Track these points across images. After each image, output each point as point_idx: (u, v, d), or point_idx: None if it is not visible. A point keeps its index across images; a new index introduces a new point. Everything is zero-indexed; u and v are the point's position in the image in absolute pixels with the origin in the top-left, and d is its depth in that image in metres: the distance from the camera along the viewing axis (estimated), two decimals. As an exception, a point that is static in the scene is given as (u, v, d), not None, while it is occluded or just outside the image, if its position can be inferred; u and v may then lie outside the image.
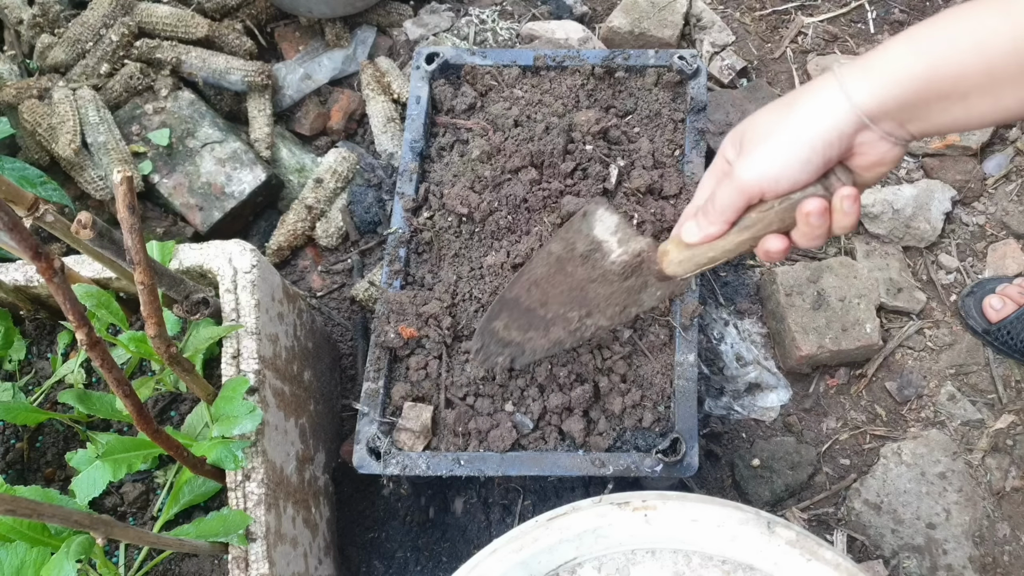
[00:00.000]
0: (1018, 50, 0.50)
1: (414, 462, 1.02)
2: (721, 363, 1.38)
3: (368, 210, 1.50)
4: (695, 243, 0.71)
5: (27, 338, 1.07)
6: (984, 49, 0.51)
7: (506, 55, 1.28)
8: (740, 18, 1.73)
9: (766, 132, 0.61)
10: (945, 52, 0.52)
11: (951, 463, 1.30)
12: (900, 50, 0.55)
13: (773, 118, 0.61)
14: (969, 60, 0.51)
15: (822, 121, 0.57)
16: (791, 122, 0.59)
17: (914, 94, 0.54)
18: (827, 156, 0.58)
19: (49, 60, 1.50)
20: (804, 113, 0.58)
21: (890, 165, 0.60)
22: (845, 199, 0.60)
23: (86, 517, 0.70)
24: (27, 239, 0.59)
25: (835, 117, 0.57)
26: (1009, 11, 0.50)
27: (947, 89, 0.53)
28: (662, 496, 0.80)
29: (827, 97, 0.57)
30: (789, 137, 0.59)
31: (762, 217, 0.66)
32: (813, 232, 0.63)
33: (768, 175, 0.60)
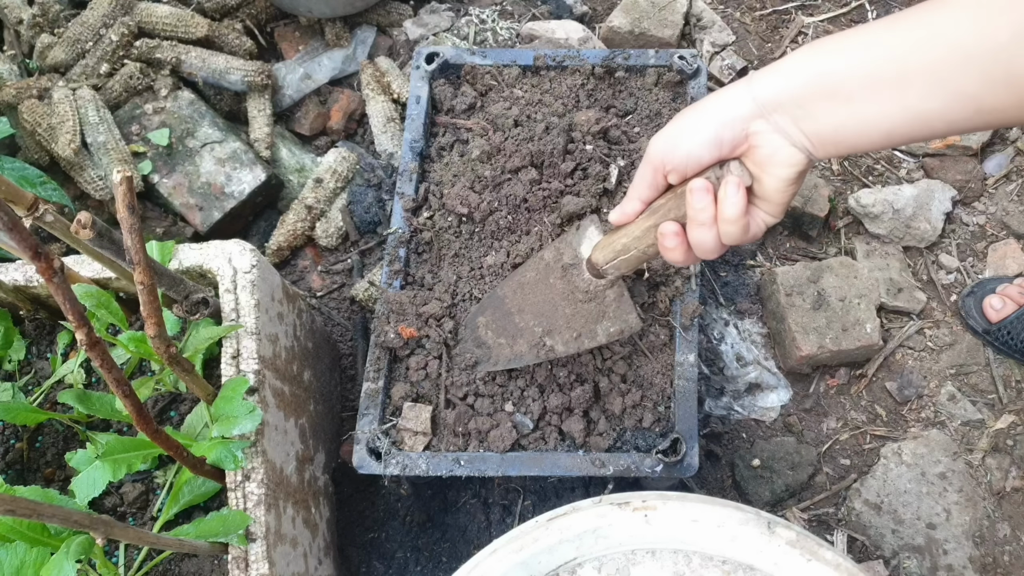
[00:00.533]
0: (895, 56, 0.54)
1: (414, 462, 1.02)
2: (721, 363, 1.38)
3: (368, 210, 1.50)
4: (616, 222, 0.75)
5: (27, 338, 1.07)
6: (866, 54, 0.56)
7: (506, 55, 1.28)
8: (740, 18, 1.73)
9: (679, 115, 0.67)
10: (834, 53, 0.57)
11: (951, 463, 1.30)
12: (802, 50, 0.60)
13: (692, 105, 0.68)
14: (852, 62, 0.56)
15: (721, 103, 0.63)
16: (699, 105, 0.66)
17: (804, 87, 0.59)
18: (720, 134, 0.63)
19: (49, 60, 1.49)
20: (712, 101, 0.65)
21: (785, 167, 0.63)
22: (728, 184, 0.65)
23: (86, 517, 0.70)
24: (27, 239, 0.59)
25: (734, 101, 0.62)
26: (895, 24, 0.55)
27: (833, 87, 0.57)
28: (662, 496, 0.80)
29: (733, 88, 0.64)
30: (692, 113, 0.65)
31: (664, 203, 0.70)
32: (698, 215, 0.66)
33: (668, 142, 0.66)
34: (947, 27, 0.51)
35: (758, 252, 1.48)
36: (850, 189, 1.52)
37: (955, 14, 0.51)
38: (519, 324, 0.93)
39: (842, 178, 1.55)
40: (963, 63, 0.51)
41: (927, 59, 0.52)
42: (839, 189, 1.53)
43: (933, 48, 0.52)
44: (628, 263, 0.78)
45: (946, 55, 0.52)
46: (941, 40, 0.52)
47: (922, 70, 0.53)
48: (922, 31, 0.53)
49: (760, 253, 1.49)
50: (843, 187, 1.53)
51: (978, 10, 0.50)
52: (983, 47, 0.50)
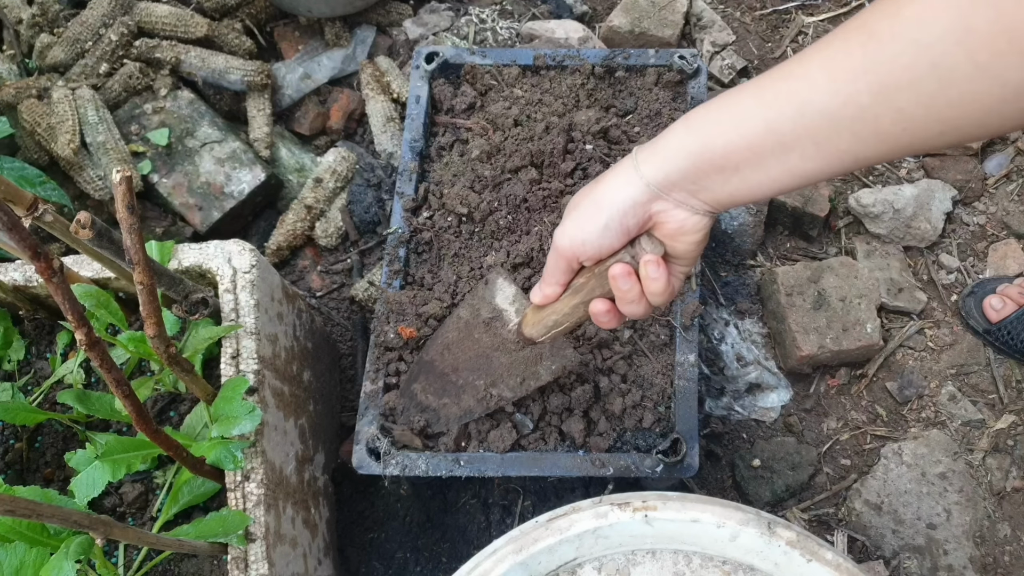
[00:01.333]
0: (771, 130, 0.55)
1: (414, 462, 1.02)
2: (721, 363, 1.38)
3: (368, 210, 1.50)
4: (539, 304, 0.77)
5: (26, 338, 1.07)
6: (741, 128, 0.57)
7: (506, 54, 1.28)
8: (740, 17, 1.73)
9: (576, 203, 0.68)
10: (712, 131, 0.58)
11: (952, 463, 1.30)
12: (678, 130, 0.61)
13: (585, 191, 0.68)
14: (732, 138, 0.57)
15: (618, 192, 0.64)
16: (595, 194, 0.66)
17: (692, 167, 0.60)
18: (624, 224, 0.65)
19: (48, 60, 1.49)
20: (605, 187, 0.65)
21: (694, 233, 0.65)
22: (648, 264, 0.67)
23: (85, 517, 0.69)
24: (26, 239, 0.59)
25: (628, 188, 0.63)
26: (762, 95, 0.56)
27: (719, 162, 0.59)
28: (662, 496, 0.80)
29: (624, 173, 0.64)
30: (591, 206, 0.66)
31: (585, 283, 0.72)
32: (626, 296, 0.69)
33: (576, 240, 0.67)
34: (811, 95, 0.52)
35: (758, 252, 1.48)
36: (850, 189, 1.52)
37: (815, 82, 0.52)
38: (458, 382, 0.96)
39: (842, 178, 1.55)
40: (832, 127, 0.52)
41: (799, 127, 0.54)
42: (839, 189, 1.53)
43: (802, 116, 0.53)
44: (561, 333, 0.81)
45: (815, 122, 0.53)
46: (808, 108, 0.53)
47: (797, 137, 0.54)
48: (788, 102, 0.54)
49: (760, 253, 1.49)
50: (843, 187, 1.53)
51: (835, 76, 0.51)
52: (847, 112, 0.51)
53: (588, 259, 0.69)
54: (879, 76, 0.48)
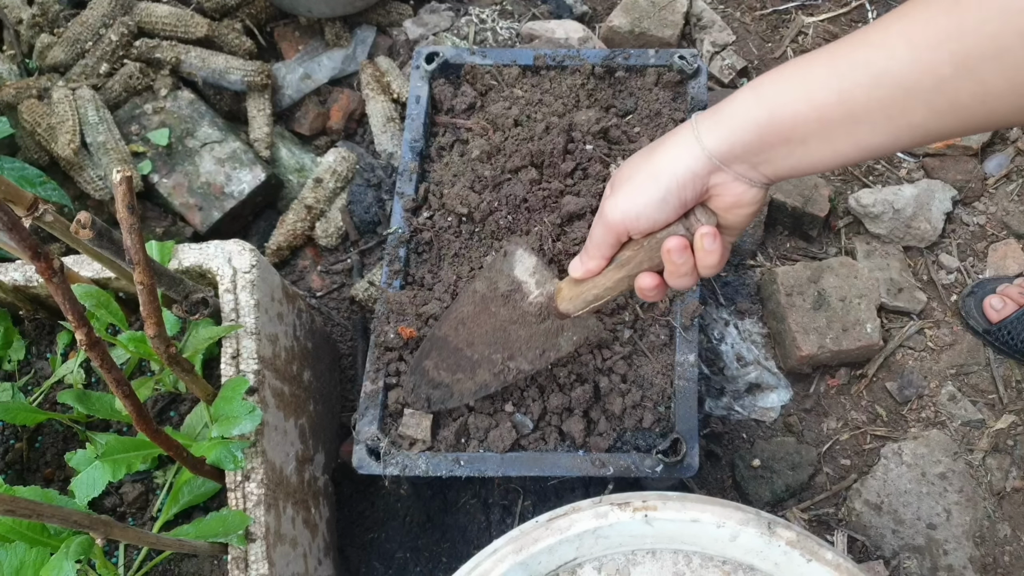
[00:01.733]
0: (843, 100, 0.53)
1: (414, 462, 1.02)
2: (721, 363, 1.38)
3: (368, 210, 1.50)
4: (579, 278, 0.75)
5: (26, 338, 1.07)
6: (812, 98, 0.54)
7: (506, 55, 1.28)
8: (740, 18, 1.73)
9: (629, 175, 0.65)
10: (782, 100, 0.56)
11: (952, 463, 1.30)
12: (746, 98, 0.59)
13: (638, 161, 0.65)
14: (801, 108, 0.55)
15: (677, 163, 0.61)
16: (650, 165, 0.63)
17: (758, 138, 0.58)
18: (682, 196, 0.63)
19: (48, 60, 1.49)
20: (662, 157, 0.63)
21: (750, 206, 0.64)
22: (704, 237, 0.65)
23: (85, 517, 0.70)
24: (26, 239, 0.59)
25: (688, 160, 0.61)
26: (835, 64, 0.53)
27: (786, 134, 0.57)
28: (662, 496, 0.80)
29: (683, 142, 0.61)
30: (647, 178, 0.63)
31: (634, 255, 0.69)
32: (679, 270, 0.67)
33: (630, 213, 0.65)
34: (888, 64, 0.50)
35: (758, 252, 1.48)
36: (850, 189, 1.52)
37: (893, 50, 0.50)
38: (474, 357, 0.94)
39: (842, 178, 1.55)
40: (907, 99, 0.50)
41: (872, 98, 0.52)
42: (839, 189, 1.53)
43: (877, 87, 0.51)
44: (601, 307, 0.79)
45: (891, 93, 0.51)
46: (885, 79, 0.51)
47: (869, 109, 0.52)
48: (865, 72, 0.52)
49: (760, 253, 1.49)
50: (843, 187, 1.53)
51: (916, 44, 0.49)
52: (926, 83, 0.49)
53: (640, 232, 0.66)
54: (963, 45, 0.46)
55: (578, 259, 0.73)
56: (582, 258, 0.73)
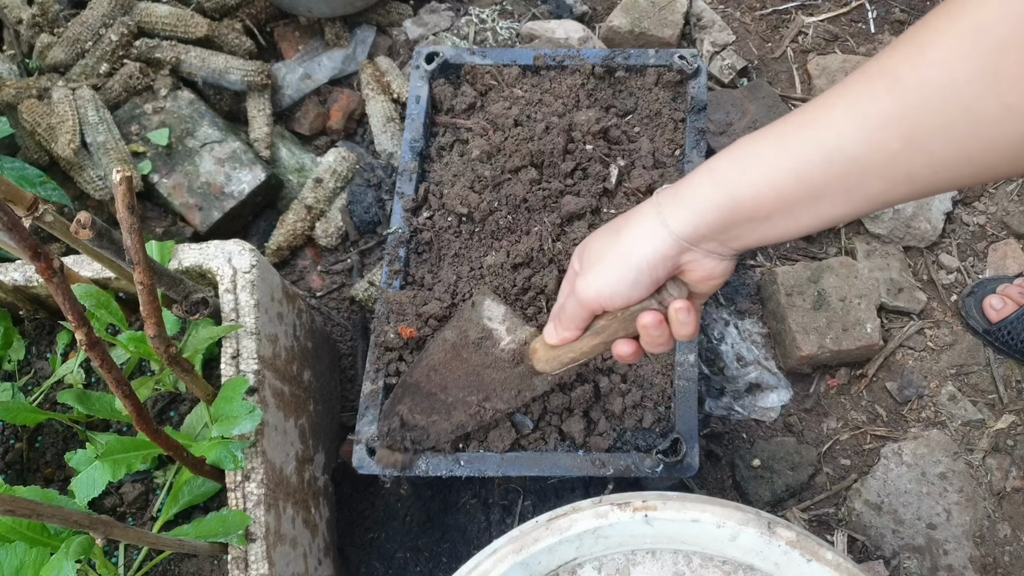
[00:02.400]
0: (800, 179, 0.54)
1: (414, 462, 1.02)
2: (721, 363, 1.38)
3: (368, 210, 1.50)
4: (555, 344, 0.77)
5: (26, 338, 1.07)
6: (769, 179, 0.55)
7: (506, 55, 1.28)
8: (740, 17, 1.73)
9: (599, 254, 0.67)
10: (739, 183, 0.57)
11: (952, 463, 1.30)
12: (703, 181, 0.60)
13: (604, 240, 0.67)
14: (761, 190, 0.56)
15: (646, 246, 0.63)
16: (619, 246, 0.65)
17: (721, 220, 0.59)
18: (654, 276, 0.64)
19: (48, 60, 1.49)
20: (631, 239, 0.64)
21: (721, 277, 0.65)
22: (679, 311, 0.66)
23: (85, 517, 0.70)
24: (26, 239, 0.59)
25: (657, 243, 0.62)
26: (787, 144, 0.54)
27: (748, 214, 0.58)
28: (662, 496, 0.80)
29: (649, 225, 0.63)
30: (618, 260, 0.65)
31: (608, 324, 0.72)
32: (655, 341, 0.69)
33: (603, 293, 0.66)
34: (839, 142, 0.51)
35: (758, 252, 1.48)
36: (850, 189, 1.52)
37: (842, 128, 0.51)
38: (448, 400, 0.96)
39: (842, 178, 1.55)
40: (862, 174, 0.51)
41: (829, 175, 0.53)
42: (839, 189, 1.53)
43: (832, 164, 0.52)
44: (575, 368, 0.82)
45: (846, 168, 0.52)
46: (837, 156, 0.51)
47: (827, 185, 0.53)
48: (816, 151, 0.53)
49: (760, 253, 1.49)
50: (843, 187, 1.53)
51: (864, 123, 0.50)
52: (878, 158, 0.50)
53: (614, 309, 0.69)
54: (909, 122, 0.47)
55: (551, 327, 0.76)
56: (556, 327, 0.75)
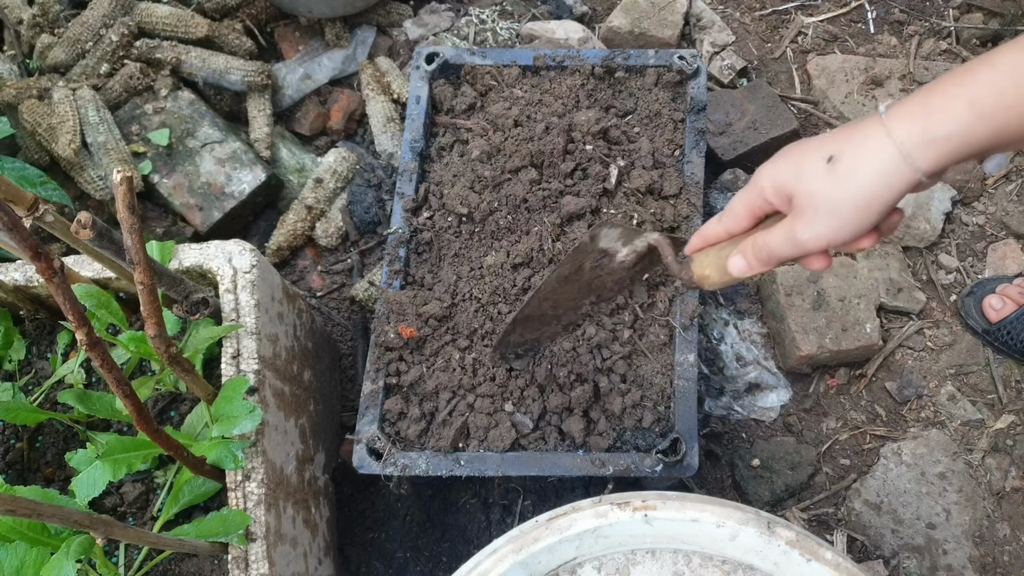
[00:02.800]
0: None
1: (414, 462, 1.02)
2: (721, 363, 1.38)
3: (368, 210, 1.50)
4: (740, 276, 0.72)
5: (27, 338, 1.07)
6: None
7: (506, 55, 1.28)
8: (740, 18, 1.73)
9: (826, 199, 0.60)
10: (1008, 117, 0.53)
11: (951, 463, 1.30)
12: (962, 111, 0.54)
13: (829, 183, 0.59)
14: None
15: (889, 190, 0.57)
16: (853, 190, 0.58)
17: (980, 152, 0.55)
18: (888, 212, 0.60)
19: (49, 60, 1.49)
20: (867, 181, 0.58)
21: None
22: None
23: (86, 517, 0.70)
24: (27, 239, 0.59)
25: (901, 185, 0.57)
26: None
27: (1005, 146, 0.54)
28: (662, 496, 0.80)
29: (889, 161, 0.57)
30: (855, 211, 0.59)
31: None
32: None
33: (836, 242, 0.61)
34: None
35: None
36: (850, 189, 1.52)
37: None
38: (557, 313, 0.93)
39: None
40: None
41: None
42: (839, 189, 1.53)
43: None
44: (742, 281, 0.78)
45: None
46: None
47: None
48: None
49: (760, 253, 1.49)
50: (843, 187, 1.53)
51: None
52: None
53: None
54: None
55: (743, 260, 0.70)
56: (751, 262, 0.69)
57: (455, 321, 1.09)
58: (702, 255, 0.76)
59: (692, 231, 1.14)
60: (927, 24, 1.69)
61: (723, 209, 0.72)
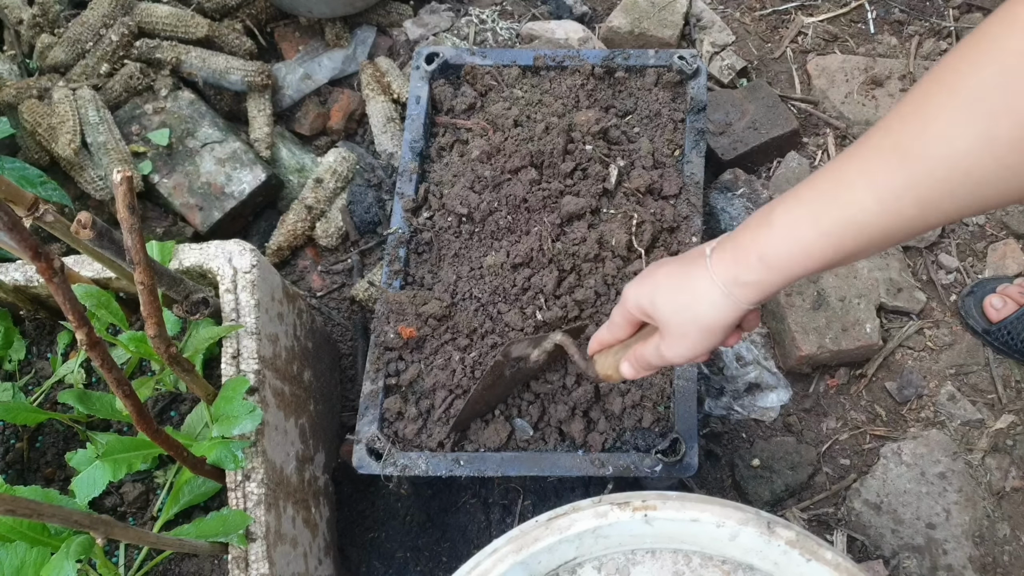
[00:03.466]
0: (838, 250, 0.59)
1: (414, 462, 1.02)
2: (721, 363, 1.38)
3: (368, 210, 1.50)
4: (630, 378, 0.84)
5: (27, 338, 1.07)
6: (815, 258, 0.60)
7: (506, 55, 1.28)
8: (740, 18, 1.73)
9: (677, 327, 0.72)
10: (792, 269, 0.62)
11: (951, 463, 1.30)
12: (756, 264, 0.64)
13: (677, 316, 0.72)
14: (809, 266, 0.61)
15: (725, 318, 0.69)
16: (696, 320, 0.70)
17: (780, 289, 0.65)
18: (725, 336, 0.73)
19: (49, 60, 1.49)
20: (702, 312, 0.70)
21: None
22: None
23: (86, 517, 0.70)
24: (27, 239, 0.59)
25: (730, 313, 0.68)
26: (818, 224, 0.59)
27: (799, 279, 0.66)
28: (662, 496, 0.80)
29: (716, 296, 0.68)
30: (702, 334, 0.71)
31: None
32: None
33: (695, 356, 0.74)
34: (866, 218, 0.56)
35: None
36: (850, 189, 1.52)
37: (864, 206, 0.56)
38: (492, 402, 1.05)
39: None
40: (887, 236, 0.57)
41: (861, 243, 0.58)
42: (839, 189, 1.52)
43: (861, 235, 0.57)
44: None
45: (874, 237, 0.57)
46: (866, 230, 0.57)
47: (859, 250, 0.59)
48: (847, 229, 0.58)
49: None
50: (843, 187, 1.53)
51: (881, 197, 0.54)
52: (899, 223, 0.55)
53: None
54: (920, 192, 0.53)
55: (630, 367, 0.82)
56: (635, 368, 0.81)
57: (455, 321, 1.09)
58: (602, 356, 0.87)
59: (692, 231, 1.14)
60: (927, 24, 1.69)
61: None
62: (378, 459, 1.03)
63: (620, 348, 0.84)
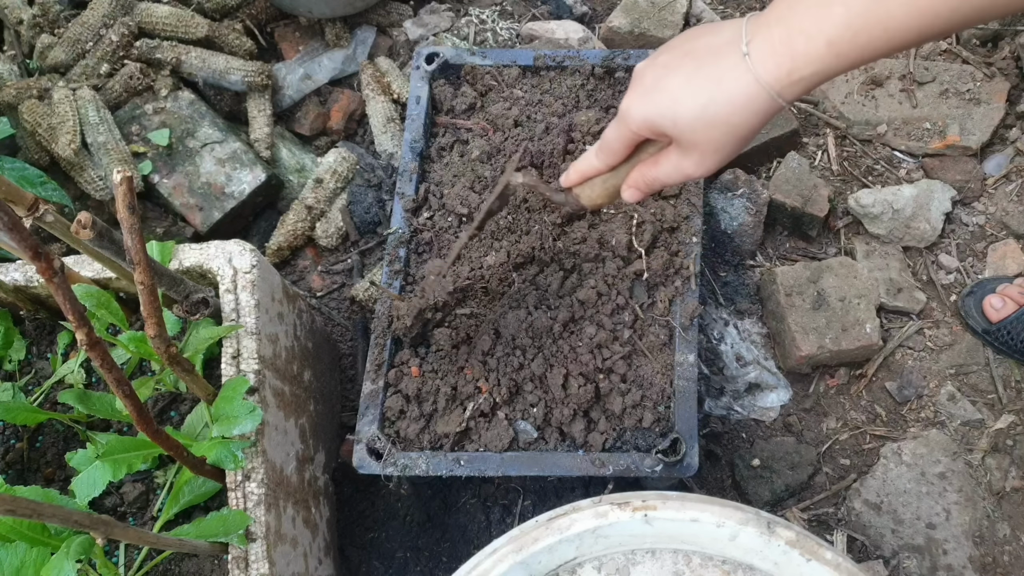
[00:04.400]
0: (915, 30, 0.56)
1: (414, 462, 1.02)
2: (721, 363, 1.38)
3: (368, 210, 1.50)
4: (632, 202, 0.82)
5: (27, 338, 1.07)
6: (890, 40, 0.57)
7: (506, 55, 1.28)
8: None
9: (709, 142, 0.66)
10: (861, 54, 0.58)
11: (951, 463, 1.30)
12: (824, 53, 0.59)
13: (710, 130, 0.65)
14: (873, 51, 0.57)
15: (759, 121, 0.64)
16: (732, 132, 0.64)
17: (827, 80, 0.61)
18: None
19: (49, 60, 1.50)
20: (741, 122, 0.64)
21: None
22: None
23: (86, 517, 0.70)
24: (27, 239, 0.59)
25: (768, 114, 0.63)
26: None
27: (856, 66, 0.60)
28: (662, 496, 0.80)
29: (759, 101, 0.62)
30: (735, 142, 0.66)
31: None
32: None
33: (714, 171, 0.69)
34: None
35: (758, 252, 1.49)
36: (850, 189, 1.52)
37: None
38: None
39: (842, 178, 1.55)
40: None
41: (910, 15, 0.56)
42: (839, 189, 1.53)
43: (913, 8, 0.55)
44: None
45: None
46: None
47: (907, 28, 0.56)
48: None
49: (760, 253, 1.49)
50: (843, 187, 1.53)
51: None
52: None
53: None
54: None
55: (631, 191, 0.78)
56: (633, 193, 0.78)
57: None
58: (587, 186, 0.83)
59: (692, 231, 1.14)
60: (927, 24, 1.69)
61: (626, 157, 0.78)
62: (378, 459, 1.03)
63: (609, 175, 0.80)
